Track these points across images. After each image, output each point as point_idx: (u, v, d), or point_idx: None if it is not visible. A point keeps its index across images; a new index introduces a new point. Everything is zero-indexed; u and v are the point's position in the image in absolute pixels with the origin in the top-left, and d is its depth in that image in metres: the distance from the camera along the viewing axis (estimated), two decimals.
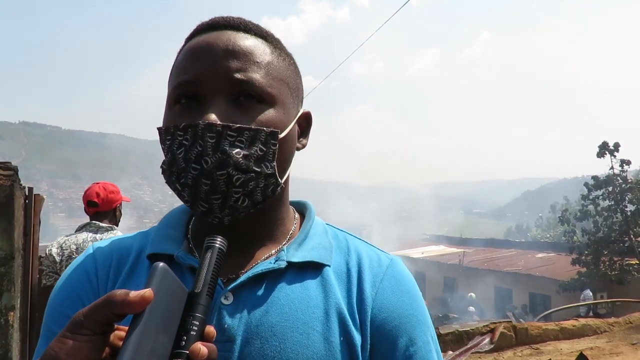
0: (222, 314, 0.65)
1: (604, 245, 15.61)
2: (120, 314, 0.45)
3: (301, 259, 0.70)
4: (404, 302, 0.73)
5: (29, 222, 4.61)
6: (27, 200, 4.63)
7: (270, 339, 0.65)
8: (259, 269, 0.68)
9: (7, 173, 4.27)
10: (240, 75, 0.66)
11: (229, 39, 0.69)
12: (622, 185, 15.73)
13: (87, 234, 2.80)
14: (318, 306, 0.68)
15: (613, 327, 8.09)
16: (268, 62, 0.70)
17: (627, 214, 15.59)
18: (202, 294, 0.49)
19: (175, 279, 0.49)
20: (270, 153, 0.67)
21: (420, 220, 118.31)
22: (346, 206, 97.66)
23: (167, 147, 0.67)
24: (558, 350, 7.00)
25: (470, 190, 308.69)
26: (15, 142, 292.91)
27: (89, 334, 0.45)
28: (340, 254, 0.75)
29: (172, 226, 0.76)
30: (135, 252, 0.74)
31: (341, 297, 0.71)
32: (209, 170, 0.63)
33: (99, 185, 2.94)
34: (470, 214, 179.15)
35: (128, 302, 0.45)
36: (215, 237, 0.52)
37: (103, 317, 0.46)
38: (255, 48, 0.69)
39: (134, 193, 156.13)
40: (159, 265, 0.48)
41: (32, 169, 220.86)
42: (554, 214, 61.34)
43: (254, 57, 0.68)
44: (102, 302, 0.46)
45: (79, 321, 0.46)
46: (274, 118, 0.68)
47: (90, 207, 2.88)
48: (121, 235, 0.80)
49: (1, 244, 3.92)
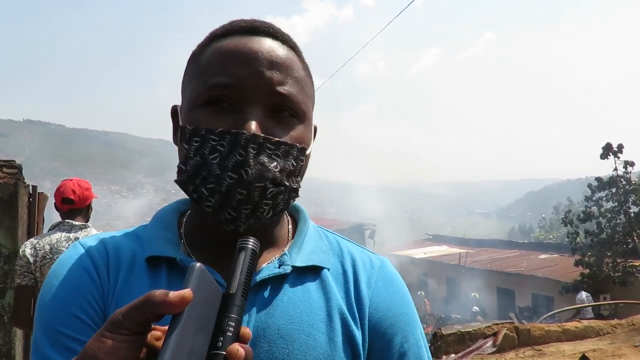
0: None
1: (607, 246, 15.57)
2: (160, 314, 0.45)
3: (304, 263, 0.72)
4: (396, 302, 0.77)
5: (33, 220, 4.62)
6: (31, 198, 4.65)
7: (278, 342, 0.66)
8: (265, 273, 0.69)
9: (11, 171, 4.29)
10: (282, 89, 0.67)
11: (272, 49, 0.68)
12: (625, 187, 15.69)
13: (61, 234, 2.73)
14: (320, 308, 0.70)
15: (616, 329, 8.06)
16: (302, 77, 0.71)
17: (631, 215, 15.55)
18: (237, 295, 0.49)
19: (211, 279, 0.49)
20: (299, 168, 0.69)
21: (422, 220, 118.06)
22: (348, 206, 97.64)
23: (194, 149, 0.65)
24: (560, 351, 6.99)
25: (473, 191, 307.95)
26: (19, 140, 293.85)
27: (128, 333, 0.45)
28: (335, 256, 0.77)
29: (165, 227, 0.75)
30: (130, 253, 0.72)
31: (341, 298, 0.73)
32: (248, 181, 0.63)
33: (73, 182, 2.88)
34: (473, 214, 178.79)
35: (168, 302, 0.44)
36: (248, 238, 0.52)
37: (142, 317, 0.46)
38: (293, 62, 0.70)
39: (137, 192, 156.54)
40: (196, 266, 0.48)
41: (36, 167, 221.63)
42: (557, 215, 61.17)
43: (292, 71, 0.69)
44: (140, 302, 0.46)
45: (117, 321, 0.46)
46: (303, 134, 0.70)
47: (66, 204, 2.82)
48: (103, 233, 0.77)
49: (5, 242, 3.94)
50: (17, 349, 3.90)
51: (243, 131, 0.63)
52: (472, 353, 5.50)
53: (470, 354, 5.41)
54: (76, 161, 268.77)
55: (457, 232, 57.30)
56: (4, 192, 3.96)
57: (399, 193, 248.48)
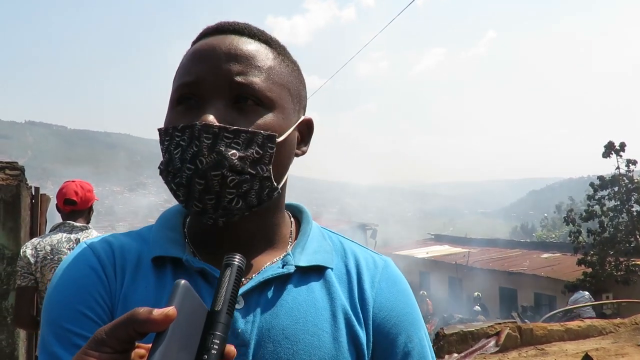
0: (235, 319, 0.66)
1: (610, 245, 15.53)
2: (143, 332, 0.45)
3: (307, 263, 0.72)
4: (400, 301, 0.77)
5: (36, 222, 4.63)
6: (34, 199, 4.66)
7: (283, 342, 0.66)
8: (268, 273, 0.69)
9: (13, 173, 4.30)
10: (241, 79, 0.67)
11: (232, 43, 0.69)
12: (628, 185, 15.64)
13: (62, 234, 2.73)
14: (325, 308, 0.70)
15: (619, 328, 8.04)
16: (270, 66, 0.70)
17: (633, 214, 15.50)
18: (222, 312, 0.49)
19: (196, 296, 0.49)
20: (267, 156, 0.67)
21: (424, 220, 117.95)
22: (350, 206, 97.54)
23: (165, 148, 0.68)
24: (563, 351, 6.97)
25: (476, 190, 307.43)
26: (21, 141, 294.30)
27: (111, 351, 0.45)
28: (338, 257, 0.77)
29: (170, 228, 0.75)
30: (136, 253, 0.73)
31: (345, 298, 0.73)
32: (204, 170, 0.64)
33: (76, 184, 2.89)
34: (475, 214, 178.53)
35: (152, 320, 0.44)
36: (234, 255, 0.53)
37: (126, 335, 0.45)
38: (257, 53, 0.70)
39: (140, 192, 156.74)
40: (181, 283, 0.48)
41: (38, 168, 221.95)
42: (559, 214, 61.00)
43: (255, 61, 0.69)
44: (124, 320, 0.46)
45: (101, 339, 0.46)
46: (272, 122, 0.69)
47: (68, 205, 2.82)
48: (108, 234, 0.78)
49: (8, 243, 3.95)
50: (20, 350, 3.91)
51: (195, 122, 0.64)
52: (475, 353, 5.49)
53: (473, 354, 5.40)
54: (78, 162, 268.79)
55: (459, 231, 57.23)
56: (6, 194, 3.97)
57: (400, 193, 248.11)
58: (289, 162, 0.74)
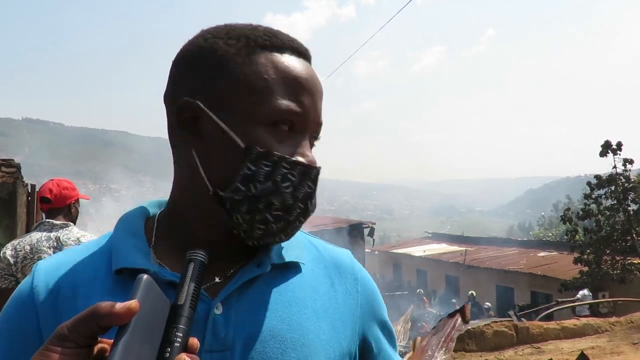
0: (217, 324, 0.64)
1: (606, 244, 15.56)
2: (106, 326, 0.45)
3: (280, 260, 0.71)
4: (374, 291, 0.81)
5: (32, 219, 4.63)
6: (30, 197, 4.65)
7: (270, 341, 0.65)
8: (246, 276, 0.67)
9: (10, 170, 4.29)
10: (322, 121, 0.70)
11: (317, 78, 0.70)
12: (624, 185, 15.67)
13: (41, 234, 2.68)
14: (306, 305, 0.70)
15: (614, 326, 8.08)
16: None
17: (630, 213, 15.53)
18: (185, 306, 0.49)
19: (159, 290, 0.49)
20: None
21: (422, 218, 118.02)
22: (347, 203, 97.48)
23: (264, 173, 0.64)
24: (559, 349, 7.00)
25: (473, 188, 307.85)
26: (18, 138, 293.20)
27: (74, 346, 0.45)
28: (309, 252, 0.77)
29: (132, 234, 0.71)
30: (91, 269, 0.69)
31: (325, 293, 0.73)
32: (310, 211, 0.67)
33: (53, 182, 2.86)
34: (472, 212, 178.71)
35: (114, 313, 0.44)
36: (197, 251, 0.53)
37: (88, 330, 0.45)
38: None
39: (136, 190, 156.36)
40: (143, 277, 0.48)
41: (35, 165, 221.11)
42: (556, 212, 61.21)
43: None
44: (87, 314, 0.45)
45: (63, 334, 0.45)
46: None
47: (43, 203, 2.80)
48: (67, 250, 0.74)
49: (4, 241, 3.94)
50: None
51: (316, 166, 0.66)
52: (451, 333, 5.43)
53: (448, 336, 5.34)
54: (75, 159, 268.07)
55: (456, 230, 57.33)
56: (3, 191, 3.96)
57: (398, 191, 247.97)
58: None
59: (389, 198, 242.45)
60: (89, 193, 13.97)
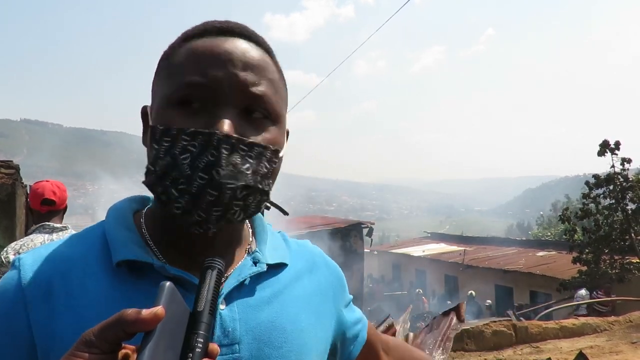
0: (223, 319, 0.67)
1: (605, 243, 15.55)
2: (132, 332, 0.46)
3: (274, 260, 0.75)
4: (341, 274, 0.89)
5: (31, 220, 4.62)
6: (29, 198, 4.64)
7: (274, 333, 0.70)
8: (245, 273, 0.71)
9: (8, 171, 4.29)
10: (256, 90, 0.66)
11: (247, 50, 0.68)
12: (623, 184, 15.66)
13: (43, 236, 2.65)
14: (297, 298, 0.76)
15: (613, 325, 8.09)
16: (276, 79, 0.71)
17: (628, 212, 15.51)
18: (204, 312, 0.51)
19: (180, 298, 0.51)
20: (271, 171, 0.68)
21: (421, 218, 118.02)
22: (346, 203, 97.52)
23: (165, 149, 0.64)
24: (558, 348, 7.01)
25: (472, 188, 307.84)
26: (16, 140, 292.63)
27: (99, 352, 0.46)
28: (291, 251, 0.82)
29: (127, 227, 0.72)
30: (81, 260, 0.68)
31: (308, 285, 0.79)
32: (219, 181, 0.62)
33: (51, 183, 2.82)
34: (471, 212, 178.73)
35: (141, 319, 0.45)
36: (214, 259, 0.55)
37: (114, 336, 0.46)
38: (267, 64, 0.70)
39: (136, 191, 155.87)
40: (166, 284, 0.50)
41: (34, 166, 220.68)
42: (555, 212, 61.25)
43: (266, 73, 0.69)
44: (113, 321, 0.46)
45: (89, 340, 0.46)
46: (277, 137, 0.69)
47: (46, 205, 2.74)
48: (51, 243, 0.72)
49: (3, 242, 3.94)
50: None
51: (216, 131, 0.62)
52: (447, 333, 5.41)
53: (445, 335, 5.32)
54: (74, 160, 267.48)
55: (455, 229, 57.34)
56: (1, 193, 3.96)
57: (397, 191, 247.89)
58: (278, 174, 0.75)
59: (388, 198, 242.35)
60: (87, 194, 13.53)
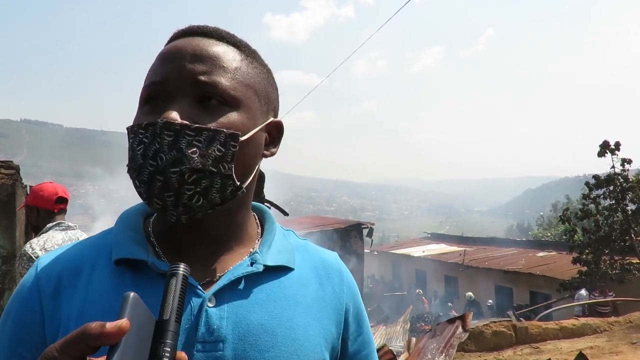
0: (210, 316, 0.67)
1: (605, 244, 15.55)
2: (96, 346, 0.45)
3: (273, 262, 0.75)
4: (357, 292, 0.85)
5: (31, 221, 4.61)
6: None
7: (262, 335, 0.69)
8: (239, 272, 0.71)
9: (8, 172, 4.28)
10: (204, 78, 0.69)
11: (198, 44, 0.71)
12: (623, 185, 15.67)
13: (61, 234, 2.71)
14: (296, 303, 0.74)
15: (613, 326, 8.09)
16: (235, 67, 0.72)
17: (628, 213, 15.51)
18: (170, 321, 0.50)
19: (145, 307, 0.50)
20: (229, 154, 0.68)
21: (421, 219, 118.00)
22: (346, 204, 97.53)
23: (129, 145, 0.69)
24: (558, 349, 7.01)
25: (472, 188, 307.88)
26: (17, 140, 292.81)
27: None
28: (300, 254, 0.81)
29: (132, 228, 0.75)
30: (90, 261, 0.72)
31: (314, 292, 0.77)
32: (163, 167, 0.64)
33: (54, 184, 2.91)
34: (471, 212, 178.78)
35: (105, 333, 0.45)
36: (178, 264, 0.54)
37: (78, 351, 0.45)
38: (223, 54, 0.72)
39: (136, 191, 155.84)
40: (130, 295, 0.49)
41: (34, 167, 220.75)
42: (555, 212, 61.24)
43: (220, 61, 0.71)
44: (77, 335, 0.46)
45: (52, 356, 0.46)
46: (236, 121, 0.70)
47: (61, 203, 2.83)
48: (66, 246, 0.78)
49: (3, 243, 3.94)
50: None
51: (157, 120, 0.65)
52: (452, 340, 5.43)
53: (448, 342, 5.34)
54: (74, 161, 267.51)
55: (455, 230, 57.36)
56: (1, 193, 3.96)
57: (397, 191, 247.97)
58: (255, 162, 0.74)
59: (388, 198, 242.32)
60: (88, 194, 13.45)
